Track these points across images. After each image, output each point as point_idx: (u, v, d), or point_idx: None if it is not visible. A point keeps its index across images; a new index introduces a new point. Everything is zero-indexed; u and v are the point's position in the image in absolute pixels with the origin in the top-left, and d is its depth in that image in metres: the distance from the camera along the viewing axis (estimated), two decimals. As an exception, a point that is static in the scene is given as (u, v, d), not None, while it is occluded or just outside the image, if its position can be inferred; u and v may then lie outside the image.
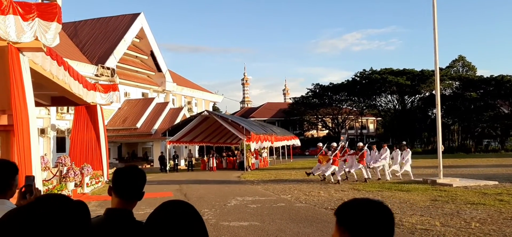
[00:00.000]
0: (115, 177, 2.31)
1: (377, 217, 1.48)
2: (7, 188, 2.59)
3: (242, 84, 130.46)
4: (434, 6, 18.13)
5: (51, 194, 1.34)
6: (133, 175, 2.31)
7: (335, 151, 20.07)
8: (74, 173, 17.68)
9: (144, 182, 2.33)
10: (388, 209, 1.53)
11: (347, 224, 1.47)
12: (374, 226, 1.46)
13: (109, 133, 32.01)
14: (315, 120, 77.02)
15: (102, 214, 2.23)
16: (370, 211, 1.49)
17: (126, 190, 2.27)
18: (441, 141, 18.74)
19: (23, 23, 10.93)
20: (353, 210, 1.50)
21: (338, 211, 1.53)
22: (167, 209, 1.52)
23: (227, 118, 36.54)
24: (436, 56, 18.34)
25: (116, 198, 2.27)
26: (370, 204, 1.51)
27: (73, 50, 39.31)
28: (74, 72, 17.09)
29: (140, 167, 2.42)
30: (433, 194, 14.49)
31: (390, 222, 1.50)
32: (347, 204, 1.54)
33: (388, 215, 1.51)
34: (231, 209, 12.51)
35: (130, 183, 2.28)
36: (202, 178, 25.03)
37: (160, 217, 1.50)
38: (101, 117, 22.57)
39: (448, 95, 62.68)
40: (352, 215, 1.48)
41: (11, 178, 2.63)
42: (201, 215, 1.58)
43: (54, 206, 1.21)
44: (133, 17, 43.54)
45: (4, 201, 2.56)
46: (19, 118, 11.02)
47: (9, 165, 2.66)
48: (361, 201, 1.53)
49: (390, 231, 1.49)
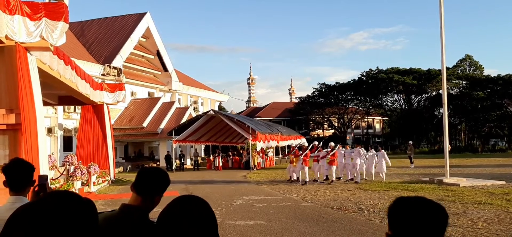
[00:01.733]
0: (140, 175, 2.35)
1: (432, 218, 1.48)
2: (25, 186, 2.79)
3: (248, 83, 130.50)
4: (441, 5, 18.05)
5: (61, 190, 1.38)
6: (157, 176, 2.34)
7: (305, 151, 20.04)
8: (81, 172, 17.76)
9: (165, 183, 2.36)
10: (443, 208, 1.53)
11: (396, 226, 1.48)
12: (427, 228, 1.46)
13: (116, 132, 32.15)
14: (321, 120, 76.86)
15: (117, 209, 2.28)
16: (425, 211, 1.49)
17: (146, 190, 2.30)
18: (447, 141, 18.65)
19: (30, 23, 10.99)
20: (405, 210, 1.50)
21: (390, 210, 1.53)
22: (180, 203, 1.55)
23: (233, 117, 36.54)
24: (443, 55, 18.26)
25: (135, 195, 2.31)
26: (423, 204, 1.51)
27: (80, 49, 39.50)
28: (81, 71, 17.17)
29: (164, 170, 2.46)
30: (439, 193, 14.43)
31: (443, 223, 1.50)
32: (398, 202, 1.54)
33: (442, 215, 1.51)
34: (237, 208, 12.52)
35: (151, 184, 2.31)
36: (208, 178, 25.07)
37: (174, 210, 1.54)
38: (107, 116, 22.66)
39: (455, 94, 62.33)
40: (403, 215, 1.49)
41: (29, 176, 2.82)
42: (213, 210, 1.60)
43: (64, 201, 1.25)
44: (139, 16, 43.66)
45: (21, 198, 2.74)
46: (27, 117, 11.08)
47: (26, 164, 2.85)
48: (414, 199, 1.53)
49: (442, 231, 1.49)
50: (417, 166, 29.45)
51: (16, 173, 2.81)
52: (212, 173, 30.48)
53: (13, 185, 2.80)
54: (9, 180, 2.80)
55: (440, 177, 18.36)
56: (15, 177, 2.81)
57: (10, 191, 2.81)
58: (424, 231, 1.45)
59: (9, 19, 10.40)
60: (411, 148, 31.67)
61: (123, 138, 38.40)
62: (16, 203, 2.65)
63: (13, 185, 2.81)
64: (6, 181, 2.80)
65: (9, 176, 2.80)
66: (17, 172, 2.82)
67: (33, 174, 2.86)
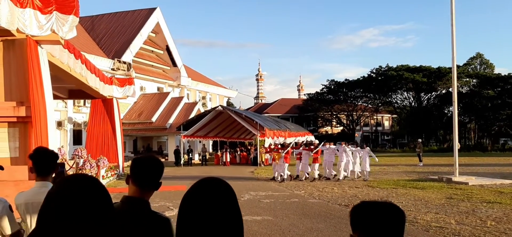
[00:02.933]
0: (134, 166, 2.35)
1: (388, 219, 1.58)
2: (49, 171, 3.13)
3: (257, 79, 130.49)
4: (452, 3, 17.91)
5: (83, 174, 1.52)
6: (151, 165, 2.34)
7: (287, 149, 19.94)
8: (90, 165, 17.90)
9: (161, 172, 2.37)
10: (400, 210, 1.62)
11: (359, 227, 1.59)
12: (385, 228, 1.56)
13: (125, 126, 32.32)
14: (329, 117, 76.61)
15: (119, 201, 2.27)
16: (382, 213, 1.59)
17: (144, 180, 2.30)
18: (457, 139, 18.53)
19: (41, 16, 11.06)
20: (364, 213, 1.61)
21: (351, 214, 1.64)
22: (204, 184, 1.60)
23: (241, 113, 36.57)
24: (453, 53, 18.11)
25: (133, 186, 2.30)
26: (382, 207, 1.61)
27: (90, 44, 39.72)
28: (91, 65, 17.28)
29: (158, 158, 2.47)
30: (448, 192, 14.36)
31: (401, 223, 1.60)
32: (359, 206, 1.64)
33: (399, 216, 1.60)
34: (244, 204, 12.54)
35: (147, 173, 2.31)
36: (216, 173, 25.12)
37: (198, 191, 1.59)
38: (117, 110, 22.78)
39: (465, 92, 61.80)
40: (363, 217, 1.59)
41: (53, 163, 3.16)
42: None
43: (89, 181, 1.43)
44: (149, 11, 43.78)
45: (46, 183, 3.06)
46: (37, 110, 11.18)
47: (51, 152, 3.17)
48: (372, 203, 1.63)
49: (400, 232, 1.59)
50: (426, 164, 29.28)
51: (42, 160, 3.10)
52: (219, 168, 30.56)
53: (39, 171, 3.09)
54: (36, 166, 3.09)
55: (449, 176, 18.24)
56: (41, 164, 3.10)
57: (37, 176, 3.10)
58: (384, 232, 1.57)
59: (20, 12, 10.49)
60: (420, 146, 31.49)
61: (132, 132, 38.61)
62: (42, 188, 2.96)
63: (39, 171, 3.09)
64: (33, 168, 3.08)
65: (35, 162, 3.09)
66: (43, 159, 3.11)
67: (57, 161, 3.20)
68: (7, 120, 11.35)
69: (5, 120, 11.32)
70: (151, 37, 44.49)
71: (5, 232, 2.99)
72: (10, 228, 3.00)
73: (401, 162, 32.81)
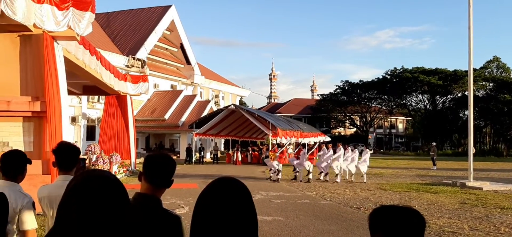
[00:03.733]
0: (146, 163, 2.37)
1: (409, 224, 1.56)
2: (72, 166, 3.18)
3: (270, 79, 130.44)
4: (470, 5, 17.67)
5: (98, 169, 1.58)
6: (164, 163, 2.36)
7: (281, 149, 20.29)
8: (103, 161, 18.04)
9: (173, 170, 2.38)
10: (420, 215, 1.60)
11: (379, 231, 1.58)
12: (406, 233, 1.55)
13: (138, 123, 32.53)
14: (342, 118, 76.27)
15: (131, 198, 2.28)
16: (402, 217, 1.57)
17: (156, 177, 2.32)
18: (472, 143, 18.29)
19: (58, 12, 11.17)
20: (385, 217, 1.59)
21: (371, 217, 1.62)
22: (219, 184, 1.61)
23: (254, 112, 36.54)
24: (470, 56, 17.88)
25: (145, 183, 2.33)
26: (403, 211, 1.60)
27: (105, 40, 40.06)
28: (105, 62, 17.41)
29: (171, 156, 2.48)
30: (462, 197, 14.18)
31: (421, 229, 1.58)
32: (379, 210, 1.63)
33: (420, 221, 1.59)
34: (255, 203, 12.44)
35: (160, 171, 2.33)
36: (227, 172, 25.17)
37: (214, 190, 1.59)
38: (130, 107, 22.91)
39: (481, 96, 61.11)
40: (384, 221, 1.58)
41: (75, 158, 3.23)
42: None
43: (108, 178, 1.45)
44: (164, 9, 44.00)
45: (69, 178, 3.02)
46: (52, 105, 11.28)
47: (74, 147, 3.24)
48: (393, 207, 1.61)
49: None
50: (439, 168, 28.98)
51: (65, 155, 3.16)
52: (231, 167, 30.59)
53: (62, 165, 3.16)
54: (59, 161, 3.14)
55: (463, 180, 18.02)
56: (65, 159, 3.16)
57: (59, 170, 3.16)
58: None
59: (37, 8, 10.60)
60: (434, 149, 31.16)
61: (145, 129, 38.86)
62: (65, 182, 2.96)
63: (62, 165, 3.16)
64: (56, 162, 3.14)
65: (58, 157, 3.14)
66: (66, 154, 3.17)
67: (79, 156, 3.26)
68: (22, 115, 11.47)
69: (21, 115, 11.45)
70: (165, 34, 44.72)
71: (23, 227, 3.02)
72: (29, 225, 3.03)
73: (415, 166, 32.52)
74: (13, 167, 3.14)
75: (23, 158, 3.20)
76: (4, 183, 3.09)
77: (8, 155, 3.18)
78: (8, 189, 2.86)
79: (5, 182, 3.10)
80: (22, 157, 3.20)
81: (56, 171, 3.28)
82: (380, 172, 25.45)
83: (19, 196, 3.06)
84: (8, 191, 2.79)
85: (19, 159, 3.19)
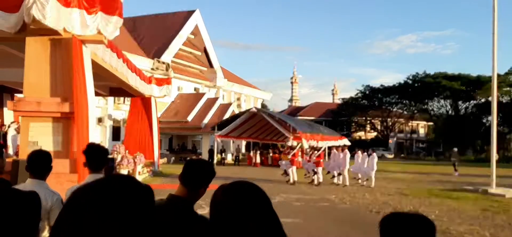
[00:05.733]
0: (185, 166, 2.49)
1: (418, 231, 1.60)
2: (101, 166, 3.35)
3: (291, 82, 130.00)
4: (494, 11, 17.47)
5: (122, 174, 1.52)
6: (200, 168, 2.48)
7: (293, 151, 20.28)
8: (128, 161, 18.44)
9: (209, 177, 2.47)
10: (430, 222, 1.65)
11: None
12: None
13: (162, 125, 32.97)
14: (363, 122, 75.69)
15: (164, 198, 2.42)
16: (411, 225, 1.61)
17: (190, 181, 2.43)
18: (495, 150, 18.06)
19: (87, 17, 11.54)
20: (394, 224, 1.64)
21: (381, 224, 1.67)
22: (235, 188, 1.70)
23: (275, 115, 36.71)
24: (494, 62, 17.69)
25: (181, 186, 2.44)
26: (412, 218, 1.64)
27: (131, 44, 40.80)
28: (131, 65, 17.80)
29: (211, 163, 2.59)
30: (484, 203, 14.03)
31: (430, 236, 1.62)
32: (389, 217, 1.68)
33: (429, 228, 1.63)
34: (275, 205, 12.50)
35: (194, 175, 2.44)
36: (246, 174, 25.34)
37: (229, 194, 1.68)
38: (155, 109, 23.30)
39: (505, 102, 59.85)
40: (393, 229, 1.62)
41: (104, 158, 3.43)
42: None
43: (126, 184, 1.32)
44: (188, 14, 44.61)
45: (99, 177, 3.12)
46: (79, 106, 11.64)
47: (102, 148, 3.46)
48: (403, 215, 1.66)
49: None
50: (461, 174, 28.56)
51: (94, 156, 3.33)
52: (251, 169, 30.80)
53: (92, 165, 3.32)
54: (89, 161, 3.32)
55: (485, 187, 17.76)
56: (94, 159, 3.33)
57: (90, 170, 3.33)
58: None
59: (67, 13, 10.99)
60: (455, 155, 30.76)
61: (168, 130, 39.36)
62: None
63: (92, 166, 3.34)
64: (86, 162, 3.33)
65: (89, 158, 3.32)
66: (96, 154, 3.34)
67: (107, 156, 3.45)
68: (51, 115, 11.86)
69: (50, 115, 11.84)
70: (189, 38, 45.31)
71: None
72: None
73: (436, 171, 32.15)
74: (41, 166, 3.30)
75: (48, 157, 3.37)
76: (33, 182, 3.21)
77: (35, 155, 3.34)
78: (38, 187, 2.87)
79: (34, 181, 3.23)
80: (48, 156, 3.37)
81: (86, 171, 3.48)
82: (401, 177, 25.30)
83: (48, 194, 3.21)
84: (38, 189, 2.96)
85: (46, 158, 3.35)
